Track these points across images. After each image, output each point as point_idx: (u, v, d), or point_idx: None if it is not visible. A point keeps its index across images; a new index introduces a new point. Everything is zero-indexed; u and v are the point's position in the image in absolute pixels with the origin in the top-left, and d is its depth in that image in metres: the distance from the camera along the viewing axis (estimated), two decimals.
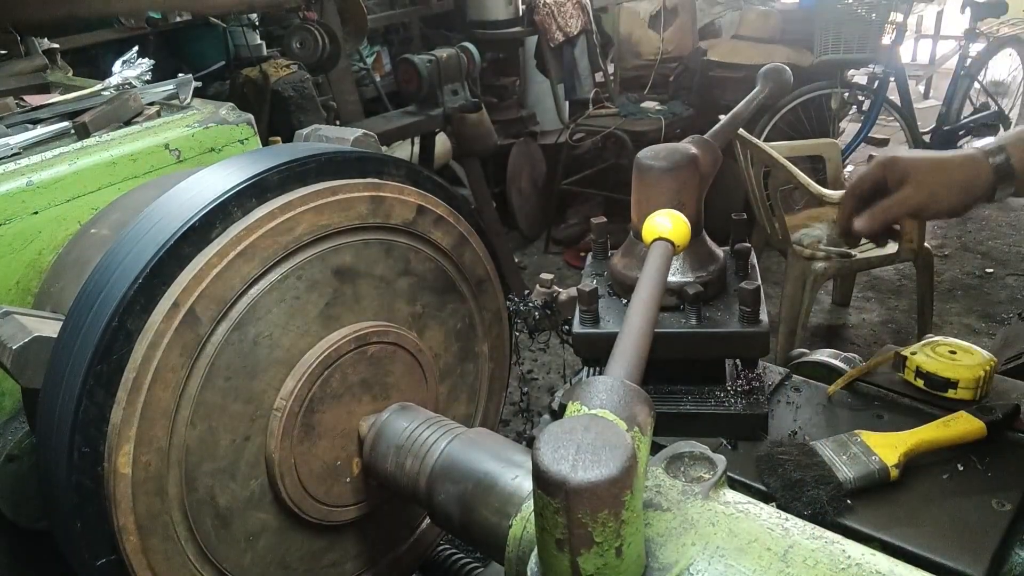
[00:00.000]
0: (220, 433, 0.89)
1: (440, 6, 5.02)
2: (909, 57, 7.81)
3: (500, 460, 0.86)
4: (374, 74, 4.63)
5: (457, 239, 1.12)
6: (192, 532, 0.88)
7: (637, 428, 0.56)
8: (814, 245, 3.19)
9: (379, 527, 1.11)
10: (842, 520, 0.87)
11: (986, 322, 3.80)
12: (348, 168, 0.99)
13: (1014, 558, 0.84)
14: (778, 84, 1.19)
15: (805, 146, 3.86)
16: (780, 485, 0.90)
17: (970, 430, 0.93)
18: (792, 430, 1.03)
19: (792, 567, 0.57)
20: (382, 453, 0.96)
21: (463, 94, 3.67)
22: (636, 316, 0.68)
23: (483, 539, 0.82)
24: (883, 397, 1.08)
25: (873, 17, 4.38)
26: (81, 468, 0.80)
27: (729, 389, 1.05)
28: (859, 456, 0.91)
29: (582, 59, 4.90)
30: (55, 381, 0.83)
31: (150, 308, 0.81)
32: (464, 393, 1.22)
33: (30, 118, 1.41)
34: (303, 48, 3.31)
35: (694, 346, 1.00)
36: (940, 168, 1.15)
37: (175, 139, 1.31)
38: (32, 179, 1.15)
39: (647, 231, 0.80)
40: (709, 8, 5.31)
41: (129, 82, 1.57)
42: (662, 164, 0.99)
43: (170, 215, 0.86)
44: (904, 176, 1.14)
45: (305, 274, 0.94)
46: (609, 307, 1.05)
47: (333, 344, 0.96)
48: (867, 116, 4.91)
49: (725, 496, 0.64)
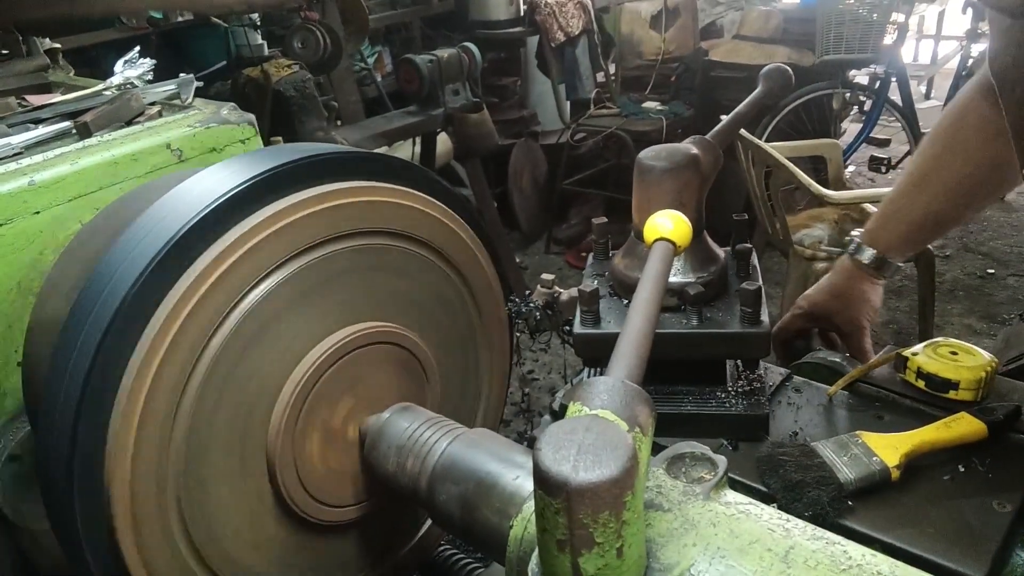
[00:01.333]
0: (219, 434, 0.89)
1: (441, 6, 5.02)
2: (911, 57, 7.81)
3: (501, 461, 0.86)
4: (375, 74, 4.63)
5: (457, 240, 1.12)
6: (189, 532, 0.89)
7: (638, 429, 0.56)
8: (815, 245, 3.19)
9: (380, 528, 1.11)
10: (843, 521, 0.86)
11: (987, 323, 3.80)
12: (349, 169, 0.99)
13: (1015, 559, 0.84)
14: (779, 84, 1.19)
15: (806, 146, 3.86)
16: (781, 486, 0.90)
17: (971, 431, 0.93)
18: (793, 431, 1.03)
19: (793, 568, 0.57)
20: (383, 453, 0.96)
21: (464, 94, 3.67)
22: (637, 316, 0.68)
23: (484, 539, 0.82)
24: (884, 398, 1.08)
25: (875, 17, 4.38)
26: (80, 468, 0.80)
27: (730, 390, 1.05)
28: (860, 457, 0.91)
29: (583, 59, 4.91)
30: (56, 382, 0.83)
31: (149, 312, 0.81)
32: (465, 393, 1.22)
33: (32, 118, 1.41)
34: (305, 48, 3.31)
35: (695, 347, 1.00)
36: (844, 296, 1.29)
37: (177, 139, 1.31)
38: (34, 179, 1.15)
39: (648, 231, 0.80)
40: (710, 8, 5.32)
41: (131, 82, 1.57)
42: (663, 164, 0.99)
43: (171, 217, 0.85)
44: (827, 315, 1.30)
45: (307, 276, 0.94)
46: (610, 308, 1.05)
47: (334, 344, 0.96)
48: (868, 116, 4.91)
49: (726, 497, 0.64)
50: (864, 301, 1.29)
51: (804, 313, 1.32)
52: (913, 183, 1.28)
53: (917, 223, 1.28)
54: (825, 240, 3.25)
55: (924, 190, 1.26)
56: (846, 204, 3.28)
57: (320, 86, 3.56)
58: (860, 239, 1.30)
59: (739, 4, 5.30)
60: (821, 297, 1.31)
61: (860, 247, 1.29)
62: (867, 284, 1.29)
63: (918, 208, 1.27)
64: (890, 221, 1.29)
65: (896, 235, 1.28)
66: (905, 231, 1.28)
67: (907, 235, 1.29)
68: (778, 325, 1.34)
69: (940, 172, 1.25)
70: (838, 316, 1.29)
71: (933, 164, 1.26)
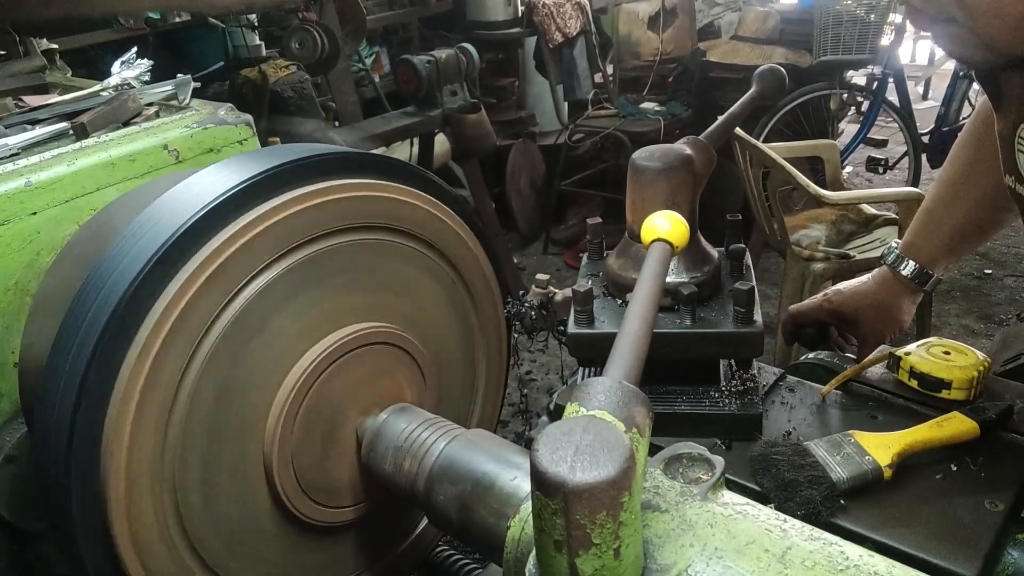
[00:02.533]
0: (216, 435, 0.89)
1: (439, 7, 5.01)
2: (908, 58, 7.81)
3: (498, 461, 0.86)
4: (373, 75, 4.62)
5: (456, 240, 1.12)
6: (186, 531, 0.88)
7: (635, 429, 0.56)
8: (813, 246, 3.20)
9: (377, 528, 1.11)
10: (835, 520, 0.87)
11: (985, 323, 3.81)
12: (346, 168, 0.99)
13: (1006, 558, 0.84)
14: (772, 85, 1.19)
15: (804, 147, 3.86)
16: (774, 485, 0.90)
17: (963, 430, 0.93)
18: (786, 430, 1.03)
19: (790, 568, 0.57)
20: (380, 454, 0.96)
21: (462, 95, 3.67)
22: (635, 317, 0.68)
23: (481, 540, 0.82)
24: (877, 398, 1.08)
25: (872, 18, 4.38)
26: (77, 469, 0.80)
27: (723, 389, 1.05)
28: (852, 456, 0.91)
29: (581, 60, 4.91)
30: (53, 383, 0.83)
31: (145, 313, 0.81)
32: (462, 394, 1.22)
33: (29, 118, 1.41)
34: (302, 49, 3.31)
35: (688, 346, 1.00)
36: (879, 307, 1.26)
37: (174, 140, 1.31)
38: (31, 179, 1.15)
39: (646, 232, 0.80)
40: (708, 9, 5.32)
41: (128, 83, 1.57)
42: (656, 165, 1.00)
43: (168, 217, 0.86)
44: (854, 320, 1.26)
45: (302, 274, 0.94)
46: (604, 307, 1.05)
47: (331, 345, 0.96)
48: (866, 117, 4.91)
49: (723, 497, 0.64)
50: (896, 318, 1.26)
51: (832, 309, 1.28)
52: (949, 192, 1.25)
53: (958, 231, 1.25)
54: (823, 240, 3.25)
55: (961, 198, 1.24)
56: (844, 204, 3.28)
57: (318, 87, 3.56)
58: (899, 251, 1.27)
59: (737, 5, 5.30)
60: (855, 301, 1.27)
61: (900, 259, 1.25)
62: (905, 300, 1.26)
63: (957, 216, 1.24)
64: (930, 232, 1.25)
65: (937, 246, 1.25)
66: (947, 241, 1.25)
67: (948, 245, 1.25)
68: (797, 307, 1.30)
69: (975, 178, 1.22)
70: (865, 325, 1.26)
71: (966, 171, 1.24)
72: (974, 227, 1.26)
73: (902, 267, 1.25)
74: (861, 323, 1.26)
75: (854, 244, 3.33)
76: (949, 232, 1.25)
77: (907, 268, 1.25)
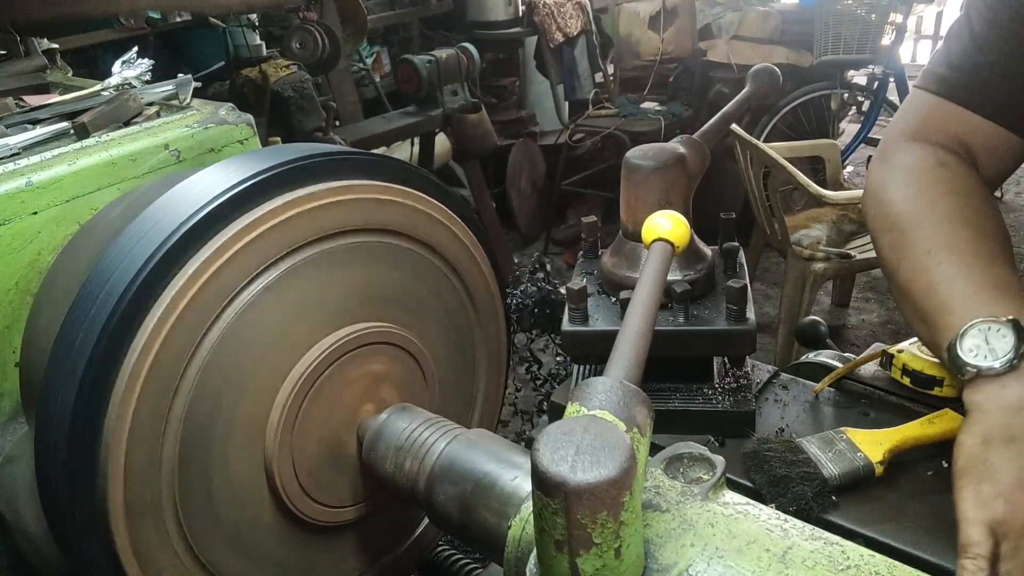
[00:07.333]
0: (216, 433, 0.89)
1: (440, 7, 5.02)
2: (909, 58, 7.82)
3: (499, 461, 0.86)
4: (374, 74, 4.63)
5: (455, 241, 1.12)
6: (184, 531, 0.88)
7: (636, 429, 0.56)
8: (814, 246, 3.20)
9: (378, 528, 1.11)
10: (827, 516, 0.87)
11: None
12: (346, 169, 0.99)
13: None
14: (767, 84, 1.20)
15: (805, 147, 3.86)
16: (766, 481, 0.91)
17: (955, 427, 0.93)
18: (779, 427, 1.03)
19: (791, 568, 0.57)
20: (381, 454, 0.96)
21: (463, 95, 3.68)
22: (635, 317, 0.68)
23: (482, 540, 0.82)
24: (869, 395, 1.09)
25: (873, 18, 4.38)
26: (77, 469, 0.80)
27: (716, 387, 1.06)
28: (844, 453, 0.91)
29: (582, 60, 4.91)
30: (54, 383, 0.83)
31: (145, 312, 0.81)
32: (463, 394, 1.22)
33: (29, 118, 1.41)
34: (303, 48, 3.31)
35: (682, 344, 1.00)
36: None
37: (174, 139, 1.31)
38: (31, 179, 1.15)
39: (647, 232, 0.80)
40: (709, 9, 5.31)
41: (129, 82, 1.57)
42: (650, 163, 1.00)
43: (169, 216, 0.85)
44: None
45: (304, 275, 0.94)
46: (599, 305, 1.06)
47: (332, 344, 0.96)
48: (867, 117, 4.90)
49: (724, 497, 0.64)
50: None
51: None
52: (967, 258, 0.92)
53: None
54: (823, 240, 3.25)
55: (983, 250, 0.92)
56: (844, 204, 3.28)
57: (318, 87, 3.56)
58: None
59: (737, 5, 5.29)
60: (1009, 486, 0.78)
61: None
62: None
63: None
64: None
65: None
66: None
67: None
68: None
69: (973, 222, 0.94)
70: None
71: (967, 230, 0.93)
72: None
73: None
74: None
75: (855, 244, 3.33)
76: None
77: None
